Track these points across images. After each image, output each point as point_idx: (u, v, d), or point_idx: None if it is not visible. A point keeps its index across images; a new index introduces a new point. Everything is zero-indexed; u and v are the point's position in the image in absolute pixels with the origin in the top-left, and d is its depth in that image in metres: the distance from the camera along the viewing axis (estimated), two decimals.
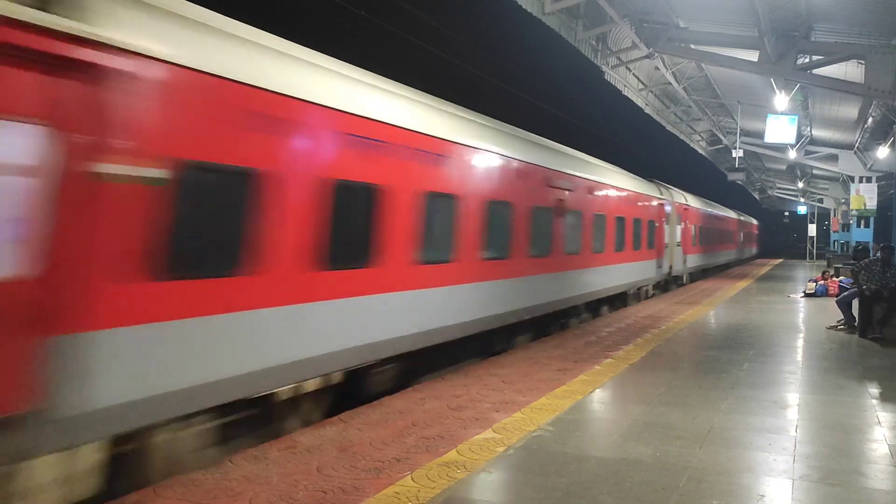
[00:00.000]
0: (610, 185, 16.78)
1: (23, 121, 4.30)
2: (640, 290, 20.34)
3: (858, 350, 11.60)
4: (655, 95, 26.21)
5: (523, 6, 14.55)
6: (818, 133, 28.61)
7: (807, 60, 16.29)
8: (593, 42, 18.60)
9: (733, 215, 42.46)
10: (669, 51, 18.23)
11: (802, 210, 62.40)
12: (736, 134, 27.97)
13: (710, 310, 17.17)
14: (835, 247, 49.39)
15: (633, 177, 19.70)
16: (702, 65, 21.33)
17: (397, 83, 8.89)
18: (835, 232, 50.16)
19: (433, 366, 9.31)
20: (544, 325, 13.16)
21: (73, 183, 4.55)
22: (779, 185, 55.57)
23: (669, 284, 24.24)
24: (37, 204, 4.39)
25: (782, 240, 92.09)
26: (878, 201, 28.48)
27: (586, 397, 7.77)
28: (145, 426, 5.16)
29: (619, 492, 4.93)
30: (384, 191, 7.80)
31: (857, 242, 31.69)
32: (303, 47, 7.19)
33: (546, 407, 7.22)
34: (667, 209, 22.96)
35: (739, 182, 37.50)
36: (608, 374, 9.03)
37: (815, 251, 54.22)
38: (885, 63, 14.40)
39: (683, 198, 26.28)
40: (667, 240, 23.00)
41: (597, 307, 16.53)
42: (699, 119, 31.04)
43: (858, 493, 5.08)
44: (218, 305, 5.68)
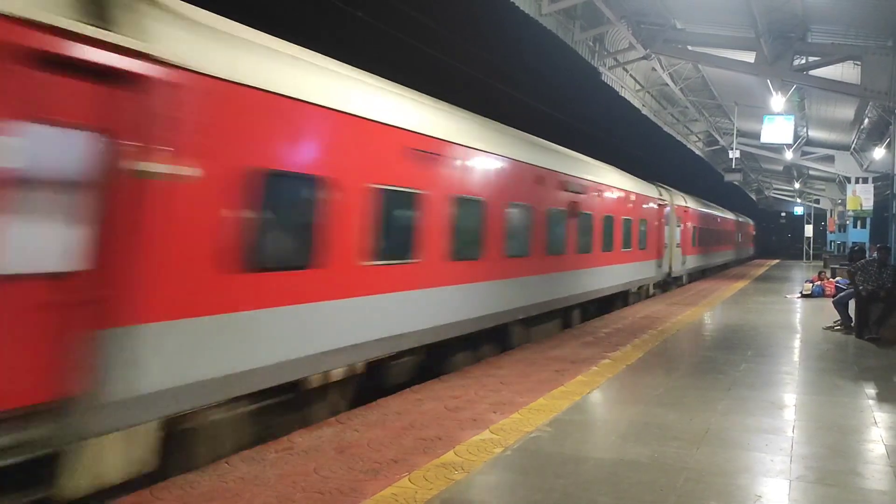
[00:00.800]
0: (613, 187, 16.85)
1: None
2: (640, 289, 20.57)
3: (855, 351, 11.61)
4: (652, 96, 26.22)
5: (520, 7, 14.56)
6: (815, 134, 28.65)
7: (803, 62, 16.32)
8: (590, 43, 18.61)
9: (731, 216, 42.53)
10: (666, 52, 18.26)
11: (799, 211, 62.52)
12: (733, 135, 27.99)
13: (708, 310, 17.19)
14: (831, 247, 49.49)
15: (635, 179, 19.78)
16: (698, 66, 21.36)
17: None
18: (831, 233, 50.28)
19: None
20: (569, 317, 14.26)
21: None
22: (775, 186, 55.62)
23: (669, 285, 24.32)
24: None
25: (779, 240, 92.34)
26: (875, 202, 28.49)
27: (584, 398, 7.77)
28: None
29: (617, 493, 4.94)
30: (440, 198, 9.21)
31: (853, 243, 31.78)
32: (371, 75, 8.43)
33: (544, 408, 7.23)
34: (667, 211, 23.05)
35: (736, 183, 37.55)
36: (606, 374, 9.04)
37: (811, 252, 54.31)
38: (881, 64, 14.42)
39: (683, 199, 26.36)
40: (667, 240, 23.10)
41: (600, 305, 16.68)
42: (696, 120, 31.08)
43: (855, 493, 5.09)
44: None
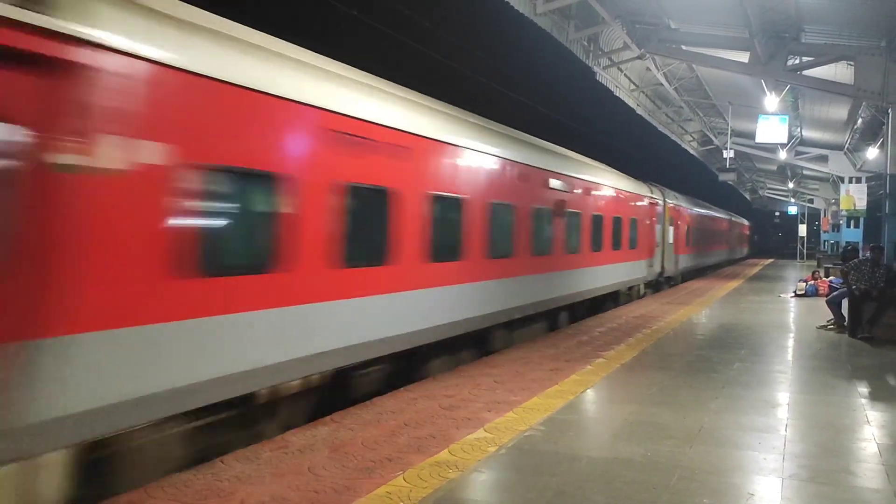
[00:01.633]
0: (602, 185, 16.83)
1: None
2: (631, 289, 20.54)
3: (848, 350, 11.66)
4: (647, 96, 26.27)
5: (515, 7, 14.56)
6: (808, 134, 28.73)
7: (797, 62, 16.38)
8: (585, 43, 18.63)
9: (724, 216, 42.65)
10: (661, 52, 18.30)
11: (793, 210, 62.72)
12: (727, 134, 28.07)
13: (702, 310, 17.24)
14: (825, 247, 49.69)
15: (626, 177, 19.78)
16: (693, 66, 21.41)
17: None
18: (825, 232, 50.51)
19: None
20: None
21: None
22: (769, 186, 55.78)
23: (662, 284, 24.33)
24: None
25: (773, 240, 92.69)
26: (868, 202, 28.52)
27: (578, 397, 7.79)
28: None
29: (611, 491, 4.95)
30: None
31: (846, 243, 31.89)
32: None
33: (538, 407, 7.24)
34: (659, 210, 23.08)
35: (730, 182, 37.64)
36: (600, 373, 9.06)
37: (805, 251, 54.51)
38: (874, 64, 14.49)
39: (675, 199, 26.40)
40: (659, 240, 23.12)
41: (590, 307, 16.65)
42: (690, 119, 31.15)
43: (847, 491, 5.11)
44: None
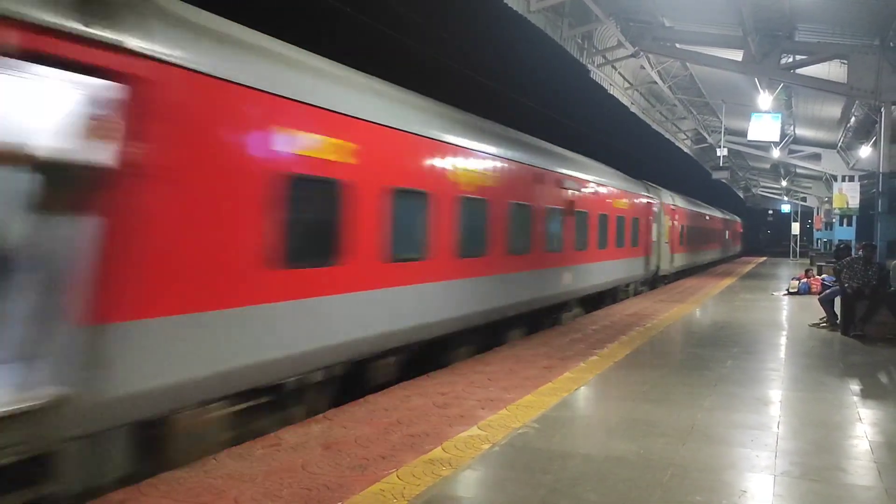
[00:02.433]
0: (601, 184, 16.88)
1: None
2: (628, 286, 20.60)
3: (840, 347, 11.71)
4: (641, 94, 26.26)
5: (509, 4, 14.50)
6: (802, 132, 28.81)
7: (790, 60, 16.41)
8: (579, 40, 18.61)
9: (718, 214, 42.76)
10: (655, 50, 18.30)
11: (786, 209, 62.96)
12: (720, 132, 28.12)
13: (695, 307, 17.28)
14: (818, 245, 49.85)
15: (620, 175, 19.83)
16: (687, 64, 21.43)
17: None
18: (818, 230, 50.62)
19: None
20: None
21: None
22: (763, 184, 55.92)
23: (656, 282, 24.40)
24: None
25: (764, 237, 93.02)
26: (861, 200, 28.63)
27: (571, 394, 7.80)
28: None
29: (604, 488, 4.96)
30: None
31: (839, 241, 31.97)
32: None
33: (531, 404, 7.24)
34: (655, 208, 23.14)
35: (724, 180, 37.70)
36: (593, 371, 9.08)
37: (798, 249, 54.69)
38: (867, 63, 14.52)
39: (671, 197, 26.47)
40: (654, 238, 23.18)
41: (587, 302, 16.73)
42: (684, 118, 31.16)
43: (839, 488, 5.13)
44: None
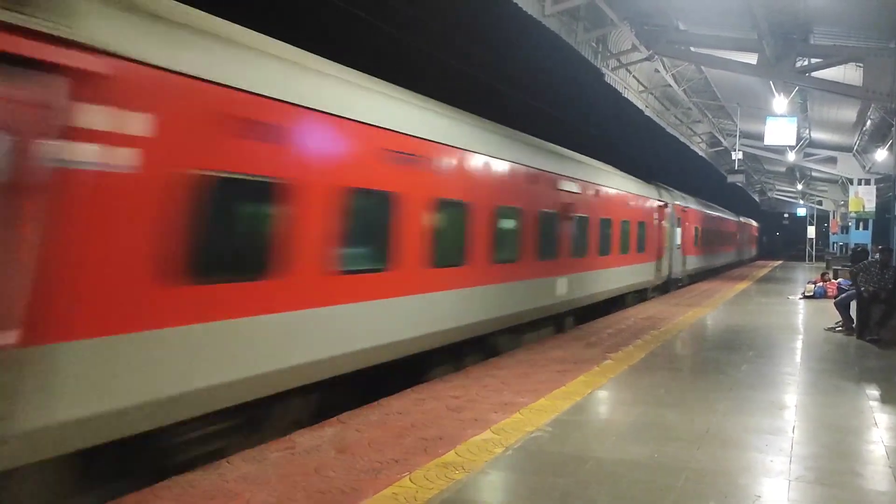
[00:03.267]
0: (611, 188, 16.82)
1: None
2: (639, 292, 20.45)
3: (856, 352, 11.62)
4: (655, 97, 26.20)
5: (524, 8, 14.56)
6: (817, 135, 28.62)
7: (805, 63, 16.32)
8: (593, 44, 18.61)
9: (732, 217, 42.48)
10: (669, 53, 18.28)
11: (802, 212, 62.47)
12: (735, 136, 27.98)
13: (710, 311, 17.18)
14: (834, 248, 49.44)
15: (631, 178, 19.74)
16: (701, 67, 21.36)
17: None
18: (834, 234, 50.22)
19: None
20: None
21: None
22: (778, 187, 55.61)
23: (669, 286, 24.25)
24: None
25: (779, 241, 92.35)
26: (877, 203, 28.43)
27: (585, 398, 7.79)
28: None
29: (617, 492, 4.95)
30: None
31: (855, 244, 31.71)
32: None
33: (545, 408, 7.24)
34: (667, 211, 23.02)
35: (739, 184, 37.51)
36: (607, 375, 9.05)
37: (814, 253, 54.24)
38: (883, 66, 14.43)
39: (683, 200, 26.32)
40: (666, 242, 23.05)
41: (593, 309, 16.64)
42: (699, 121, 31.06)
43: (854, 493, 5.09)
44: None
